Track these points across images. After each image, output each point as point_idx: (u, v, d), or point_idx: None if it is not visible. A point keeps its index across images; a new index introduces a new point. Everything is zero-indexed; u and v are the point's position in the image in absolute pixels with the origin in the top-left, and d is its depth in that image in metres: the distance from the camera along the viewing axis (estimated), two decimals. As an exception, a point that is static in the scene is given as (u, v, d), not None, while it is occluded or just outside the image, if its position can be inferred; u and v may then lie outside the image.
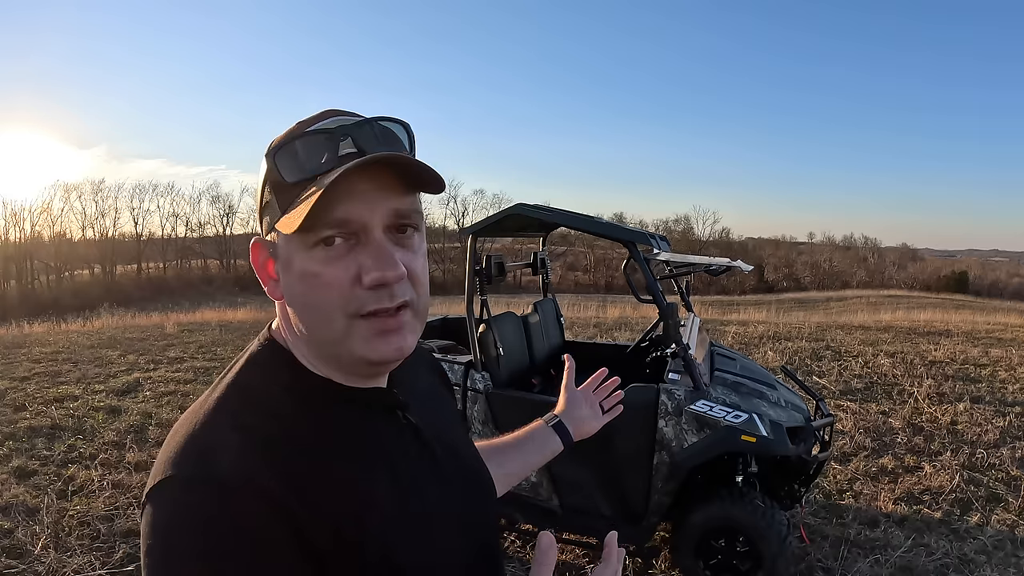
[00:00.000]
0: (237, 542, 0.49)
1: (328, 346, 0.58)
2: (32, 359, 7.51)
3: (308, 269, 0.55)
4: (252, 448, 0.54)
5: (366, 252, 0.55)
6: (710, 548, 2.69)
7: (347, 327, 0.56)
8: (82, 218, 58.16)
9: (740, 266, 3.55)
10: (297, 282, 0.57)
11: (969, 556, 3.08)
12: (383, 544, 0.56)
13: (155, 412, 5.33)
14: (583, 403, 1.04)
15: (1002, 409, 5.27)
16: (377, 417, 0.63)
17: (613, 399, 1.08)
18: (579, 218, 3.17)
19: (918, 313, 13.82)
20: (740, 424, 2.58)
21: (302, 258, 0.56)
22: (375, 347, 0.57)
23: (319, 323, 0.57)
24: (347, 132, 0.56)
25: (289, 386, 0.60)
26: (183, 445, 0.54)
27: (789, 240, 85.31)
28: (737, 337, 8.83)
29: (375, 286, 0.55)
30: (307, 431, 0.58)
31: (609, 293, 38.53)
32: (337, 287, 0.55)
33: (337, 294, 0.55)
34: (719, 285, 42.24)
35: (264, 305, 18.89)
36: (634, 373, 3.56)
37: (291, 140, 0.57)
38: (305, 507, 0.52)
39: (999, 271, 76.76)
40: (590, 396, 1.06)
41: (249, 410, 0.57)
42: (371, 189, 0.55)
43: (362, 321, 0.56)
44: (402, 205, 0.57)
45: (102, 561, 3.03)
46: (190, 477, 0.51)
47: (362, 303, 0.55)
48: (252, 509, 0.50)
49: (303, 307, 0.58)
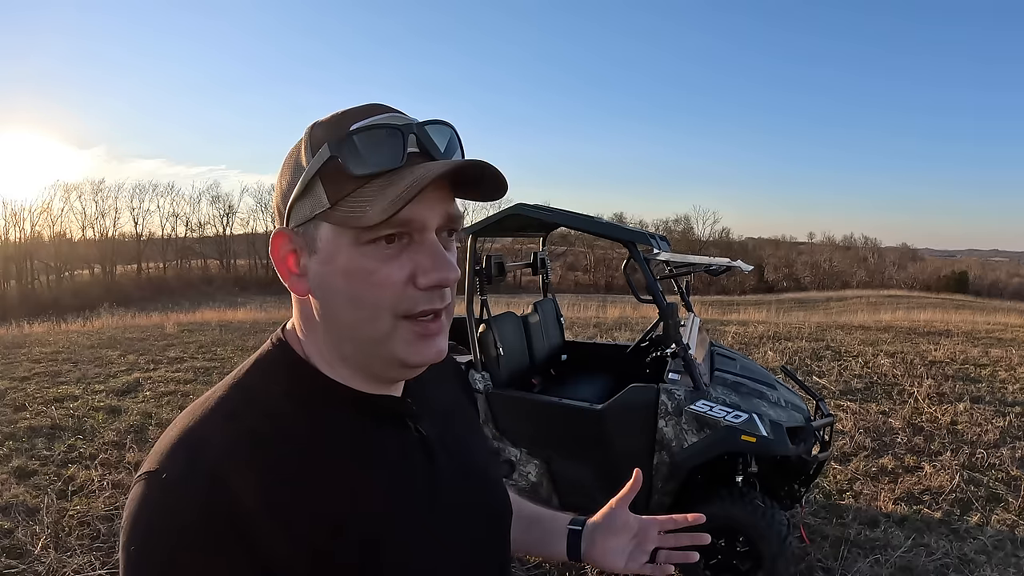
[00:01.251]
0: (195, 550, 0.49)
1: (367, 345, 0.57)
2: (32, 359, 7.51)
3: (360, 265, 0.54)
4: (239, 448, 0.53)
5: (421, 253, 0.55)
6: (710, 548, 2.69)
7: (392, 327, 0.56)
8: (82, 218, 58.24)
9: (740, 266, 3.55)
10: (342, 277, 0.55)
11: (969, 556, 3.08)
12: (370, 551, 0.55)
13: (155, 412, 5.33)
14: (623, 534, 0.83)
15: (1002, 409, 5.27)
16: (385, 425, 0.62)
17: (676, 555, 0.83)
18: (579, 218, 3.16)
19: (918, 313, 13.82)
20: (740, 424, 2.58)
21: (353, 254, 0.54)
22: (417, 350, 0.57)
23: (363, 320, 0.56)
24: (412, 130, 0.55)
25: (292, 389, 0.59)
26: (175, 439, 0.54)
27: (789, 240, 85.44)
28: (737, 337, 8.82)
29: (432, 287, 0.55)
30: (304, 433, 0.57)
31: (609, 293, 38.53)
32: (390, 286, 0.54)
33: (390, 292, 0.54)
34: (719, 285, 42.24)
35: (264, 305, 18.89)
36: (634, 373, 3.56)
37: (354, 131, 0.54)
38: (285, 511, 0.52)
39: (999, 271, 76.75)
40: (644, 532, 0.83)
41: (247, 410, 0.57)
42: (432, 192, 0.55)
43: (407, 323, 0.56)
44: (453, 210, 0.57)
45: (102, 561, 3.02)
46: (172, 477, 0.51)
47: (414, 303, 0.55)
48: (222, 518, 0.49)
49: (346, 303, 0.55)
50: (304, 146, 0.56)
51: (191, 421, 0.55)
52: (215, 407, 0.57)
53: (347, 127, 0.55)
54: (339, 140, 0.54)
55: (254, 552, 0.50)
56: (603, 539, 0.83)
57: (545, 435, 2.99)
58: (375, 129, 0.54)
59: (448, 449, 0.67)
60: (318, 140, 0.55)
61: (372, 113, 0.56)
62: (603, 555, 0.82)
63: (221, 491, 0.50)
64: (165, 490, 0.51)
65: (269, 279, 59.63)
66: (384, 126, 0.54)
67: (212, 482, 0.50)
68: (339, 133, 0.54)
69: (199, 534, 0.49)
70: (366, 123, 0.55)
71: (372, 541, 0.55)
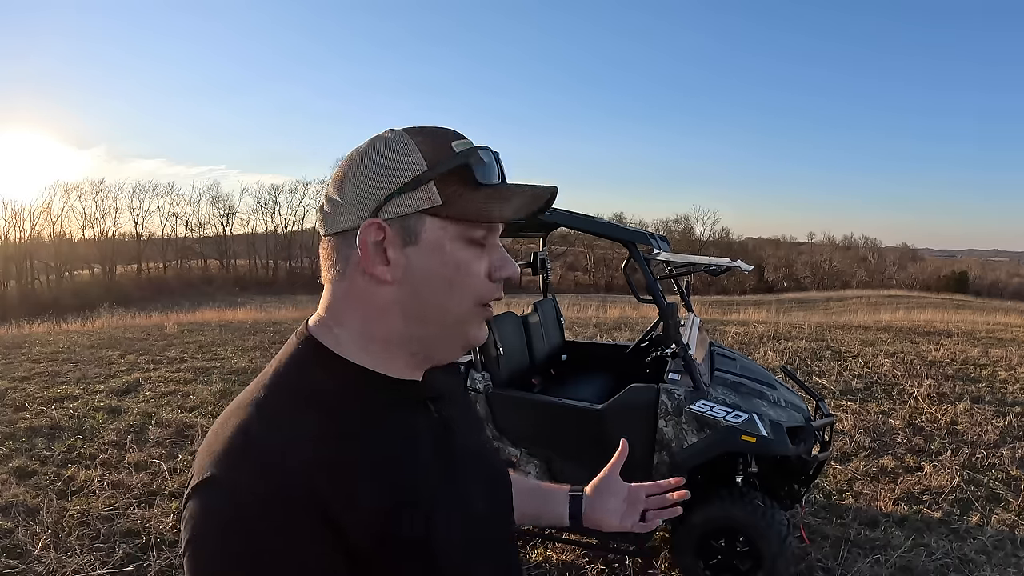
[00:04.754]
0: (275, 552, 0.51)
1: (451, 327, 0.66)
2: (32, 359, 7.51)
3: (461, 257, 0.64)
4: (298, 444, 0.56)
5: (495, 253, 0.67)
6: (710, 548, 2.69)
7: (472, 311, 0.66)
8: (82, 218, 58.14)
9: (740, 266, 3.55)
10: (442, 266, 0.63)
11: (969, 556, 3.08)
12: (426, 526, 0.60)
13: (155, 412, 5.33)
14: (617, 497, 0.95)
15: (1002, 409, 5.27)
16: (417, 408, 0.67)
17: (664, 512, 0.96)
18: (579, 218, 3.16)
19: (918, 313, 13.83)
20: (740, 424, 2.58)
21: (457, 247, 0.63)
22: (480, 332, 0.68)
23: (454, 304, 0.64)
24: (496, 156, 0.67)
25: (333, 380, 0.62)
26: (229, 444, 0.55)
27: (789, 240, 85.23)
28: (737, 337, 8.82)
29: (502, 280, 0.67)
30: (355, 420, 0.61)
31: (609, 293, 38.52)
32: (478, 276, 0.65)
33: (478, 282, 0.65)
34: (719, 285, 42.23)
35: (264, 305, 18.89)
36: (634, 373, 3.57)
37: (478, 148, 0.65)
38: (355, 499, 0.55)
39: (999, 271, 76.73)
40: (635, 496, 0.96)
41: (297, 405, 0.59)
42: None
43: (480, 309, 0.66)
44: None
45: (102, 561, 3.03)
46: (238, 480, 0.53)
47: (489, 292, 0.66)
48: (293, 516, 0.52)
49: (442, 288, 0.64)
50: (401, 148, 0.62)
51: (238, 423, 0.57)
52: (259, 406, 0.59)
53: (449, 141, 0.64)
54: (466, 152, 0.63)
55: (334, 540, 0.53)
56: (600, 503, 0.94)
57: (545, 435, 2.99)
58: (485, 150, 0.65)
59: (460, 429, 0.73)
60: (437, 149, 0.63)
61: (456, 135, 0.66)
62: (601, 516, 0.93)
63: (293, 487, 0.53)
64: (232, 495, 0.53)
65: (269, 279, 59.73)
66: (487, 148, 0.66)
67: (279, 479, 0.53)
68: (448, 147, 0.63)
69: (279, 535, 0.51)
70: (474, 145, 0.65)
71: (426, 516, 0.60)
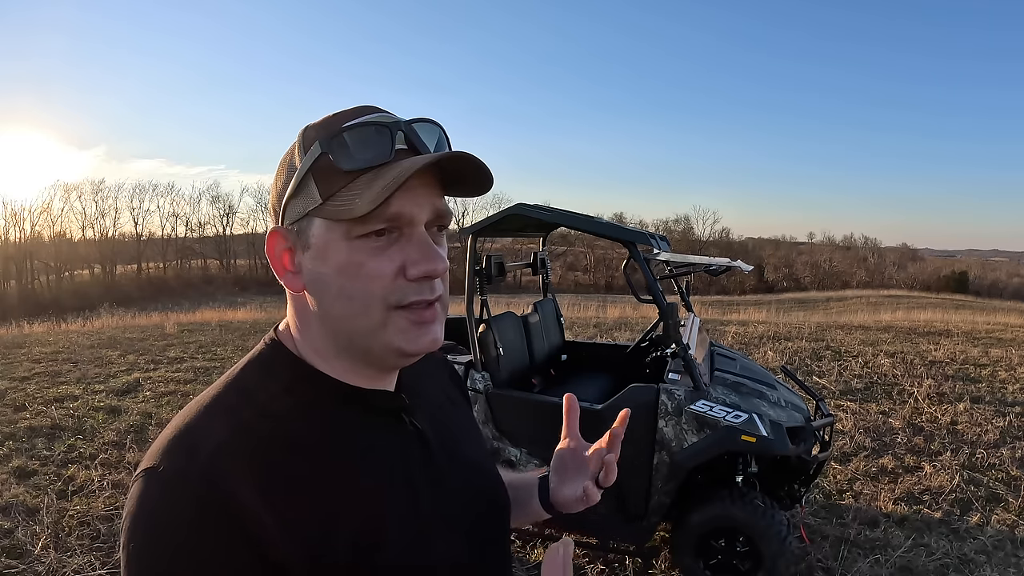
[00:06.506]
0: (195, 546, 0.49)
1: (360, 337, 0.58)
2: (32, 359, 7.51)
3: (351, 259, 0.56)
4: (237, 445, 0.54)
5: (410, 246, 0.57)
6: (710, 548, 2.69)
7: (384, 318, 0.57)
8: (82, 218, 58.16)
9: (740, 266, 3.55)
10: (334, 271, 0.56)
11: (969, 556, 3.08)
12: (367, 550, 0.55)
13: (155, 412, 5.33)
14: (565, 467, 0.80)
15: (1002, 409, 5.27)
16: (381, 420, 0.63)
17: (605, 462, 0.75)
18: (579, 218, 3.17)
19: (918, 313, 13.84)
20: (740, 424, 2.58)
21: (343, 248, 0.56)
22: (411, 338, 0.58)
23: (356, 313, 0.57)
24: (400, 128, 0.58)
25: (288, 386, 0.60)
26: (172, 437, 0.55)
27: (789, 240, 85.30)
28: (737, 337, 8.82)
29: (421, 278, 0.57)
30: (305, 431, 0.57)
31: (609, 293, 38.54)
32: (380, 278, 0.56)
33: (380, 285, 0.56)
34: (719, 285, 42.24)
35: (264, 305, 18.89)
36: (634, 373, 3.57)
37: (344, 129, 0.56)
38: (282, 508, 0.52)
39: (999, 271, 76.71)
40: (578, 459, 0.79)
41: (244, 407, 0.57)
42: (420, 186, 0.57)
43: (399, 312, 0.57)
44: (441, 205, 0.59)
45: (102, 561, 3.03)
46: (170, 473, 0.52)
47: (404, 294, 0.57)
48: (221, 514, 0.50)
49: (338, 296, 0.57)
50: (297, 147, 0.59)
51: (188, 419, 0.56)
52: (212, 405, 0.57)
53: (338, 126, 0.57)
54: (330, 137, 0.56)
55: (253, 547, 0.50)
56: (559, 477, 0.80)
57: (545, 435, 2.98)
58: (364, 127, 0.56)
59: (444, 443, 0.68)
60: (310, 140, 0.58)
61: (362, 113, 0.59)
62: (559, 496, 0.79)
63: (220, 487, 0.50)
64: (164, 487, 0.51)
65: (269, 279, 59.56)
66: (373, 124, 0.57)
67: (211, 478, 0.51)
68: (330, 132, 0.57)
69: (199, 530, 0.49)
70: (356, 121, 0.57)
71: (369, 539, 0.56)
